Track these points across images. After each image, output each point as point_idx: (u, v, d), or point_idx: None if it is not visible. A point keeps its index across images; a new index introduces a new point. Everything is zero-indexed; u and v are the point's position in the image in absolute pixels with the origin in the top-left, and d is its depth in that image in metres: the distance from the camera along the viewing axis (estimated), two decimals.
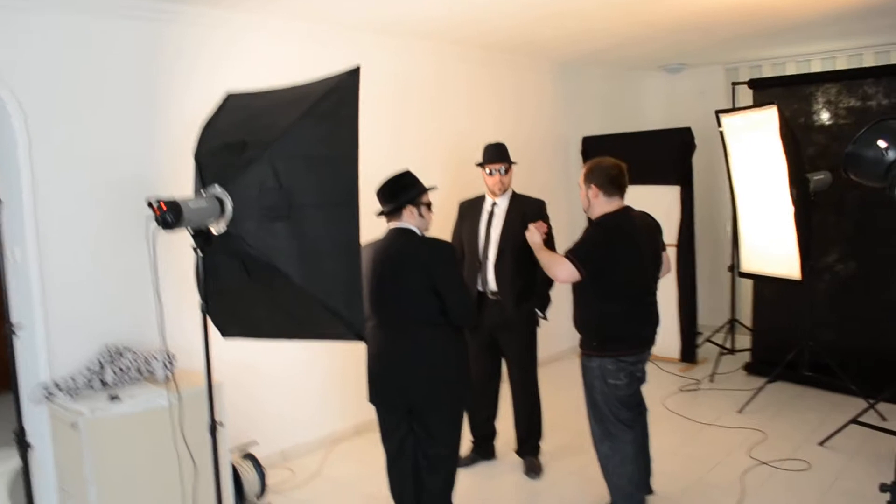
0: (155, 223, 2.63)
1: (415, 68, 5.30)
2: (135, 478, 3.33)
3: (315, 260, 2.88)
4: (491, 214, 4.17)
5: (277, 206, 2.81)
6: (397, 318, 3.15)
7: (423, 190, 3.24)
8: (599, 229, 3.43)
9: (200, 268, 2.86)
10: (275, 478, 4.17)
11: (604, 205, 3.42)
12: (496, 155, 4.17)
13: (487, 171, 4.16)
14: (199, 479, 3.33)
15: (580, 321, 3.51)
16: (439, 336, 3.15)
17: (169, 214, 2.62)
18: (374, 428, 4.83)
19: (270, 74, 3.74)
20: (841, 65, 6.42)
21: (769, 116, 4.78)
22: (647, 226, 3.58)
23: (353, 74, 2.96)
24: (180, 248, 3.51)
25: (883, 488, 2.05)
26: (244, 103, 3.23)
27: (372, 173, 4.47)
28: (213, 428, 2.98)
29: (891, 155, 1.91)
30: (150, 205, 2.61)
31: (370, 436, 4.78)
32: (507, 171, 4.16)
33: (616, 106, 7.36)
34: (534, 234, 3.65)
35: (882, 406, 4.65)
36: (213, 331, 3.04)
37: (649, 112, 7.53)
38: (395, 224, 3.22)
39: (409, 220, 3.20)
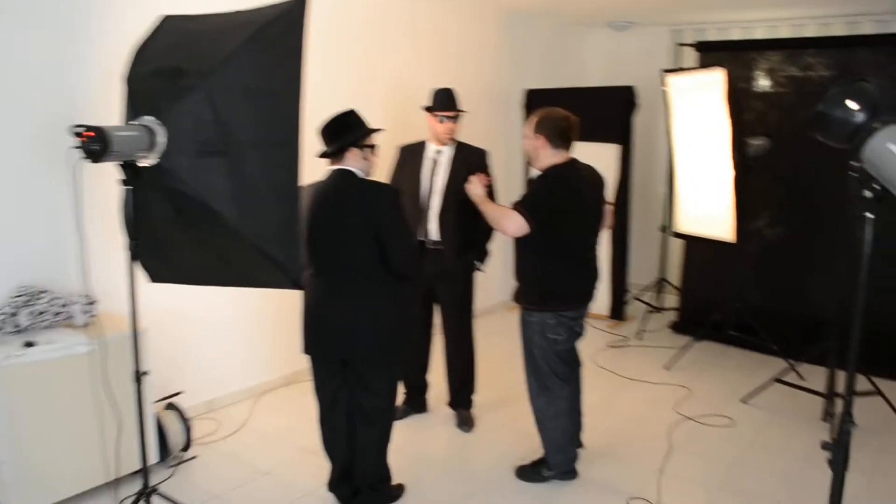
0: (80, 153, 2.43)
1: (351, 2, 5.04)
2: (52, 430, 3.14)
3: (251, 201, 2.72)
4: (435, 162, 4.04)
5: (213, 141, 2.63)
6: (337, 265, 3.00)
7: (369, 131, 3.08)
8: (546, 181, 3.35)
9: (129, 204, 2.68)
10: (200, 429, 4.04)
11: (550, 156, 3.35)
12: (448, 102, 4.02)
13: (437, 117, 4.00)
14: (122, 431, 3.17)
15: (523, 275, 3.46)
16: (379, 286, 3.02)
17: (95, 143, 2.43)
18: (304, 379, 4.77)
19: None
20: (784, 33, 6.50)
21: (716, 79, 4.79)
22: (592, 179, 3.52)
23: (300, 2, 2.77)
24: (107, 182, 3.29)
25: (824, 446, 2.08)
26: (181, 26, 3.00)
27: (307, 111, 4.27)
28: (138, 377, 2.83)
29: (859, 117, 1.89)
30: (75, 133, 2.40)
31: (299, 387, 4.71)
32: (456, 119, 4.03)
33: (560, 60, 7.28)
34: (476, 187, 3.58)
35: (802, 367, 4.82)
36: (137, 274, 2.88)
37: (592, 69, 7.49)
38: (337, 166, 3.05)
39: (352, 162, 3.04)
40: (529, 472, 3.61)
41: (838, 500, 2.05)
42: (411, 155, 4.13)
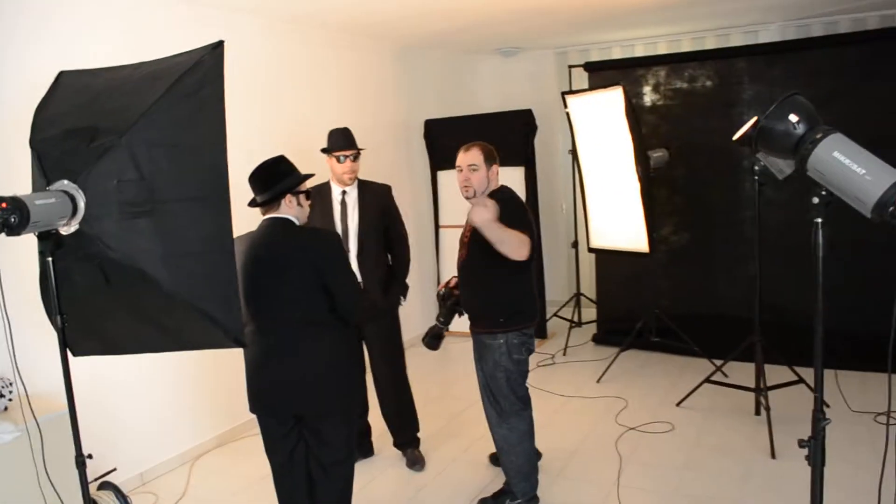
0: None
1: (248, 47, 4.90)
2: None
3: (184, 260, 2.55)
4: (343, 204, 3.97)
5: (139, 201, 2.46)
6: (284, 318, 2.84)
7: (302, 178, 2.96)
8: (512, 202, 3.35)
9: (51, 275, 2.47)
10: None
11: (497, 180, 3.49)
12: (345, 141, 3.93)
13: (336, 158, 3.92)
14: None
15: (486, 299, 3.39)
16: (329, 336, 2.88)
17: (12, 214, 2.21)
18: (238, 437, 4.57)
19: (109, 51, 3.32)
20: (662, 49, 6.86)
21: (614, 97, 4.97)
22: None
23: (217, 49, 2.68)
24: (18, 253, 3.05)
25: (801, 444, 2.15)
26: (84, 82, 2.81)
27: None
28: (81, 461, 2.59)
29: (800, 128, 1.98)
30: None
31: (235, 446, 4.49)
32: (356, 158, 3.97)
33: (454, 89, 7.37)
34: (486, 212, 3.03)
35: (726, 365, 5.01)
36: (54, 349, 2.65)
37: (486, 95, 7.62)
38: (271, 215, 2.91)
39: (287, 210, 2.90)
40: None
41: (819, 492, 2.11)
42: (317, 199, 3.89)
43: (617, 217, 5.40)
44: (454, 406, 4.97)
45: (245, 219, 3.15)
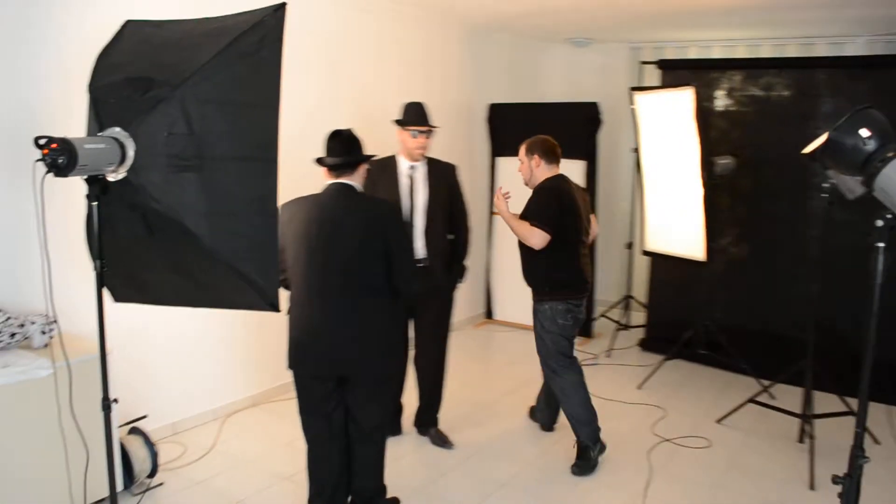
0: (44, 166, 2.23)
1: (315, 13, 4.86)
2: (10, 457, 2.92)
3: (227, 219, 2.56)
4: (412, 179, 3.91)
5: (187, 155, 2.46)
6: (342, 282, 2.90)
7: (369, 154, 3.13)
8: (544, 192, 3.82)
9: (95, 221, 2.49)
10: (166, 454, 3.81)
11: (545, 172, 3.88)
12: (421, 116, 3.89)
13: (410, 132, 3.86)
14: (88, 460, 2.94)
15: (532, 272, 3.91)
16: (384, 304, 2.98)
17: (61, 156, 2.22)
18: (271, 399, 4.60)
19: (175, 5, 3.34)
20: (740, 53, 6.60)
21: (684, 98, 4.80)
22: (579, 188, 4.05)
23: (279, 11, 2.64)
24: (69, 197, 3.10)
25: (835, 480, 2.02)
26: (147, 33, 2.82)
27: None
28: (107, 405, 2.62)
29: (871, 145, 1.84)
30: (37, 144, 2.20)
31: (267, 408, 4.53)
32: (430, 135, 3.91)
33: (521, 75, 7.25)
34: (503, 202, 3.85)
35: (774, 387, 4.82)
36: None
37: (553, 84, 7.48)
38: (341, 180, 3.00)
39: (357, 178, 3.04)
40: (583, 465, 3.86)
41: None
42: (383, 171, 3.94)
43: (675, 221, 5.23)
44: (481, 395, 4.91)
45: (294, 181, 3.16)
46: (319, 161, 3.07)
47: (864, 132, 1.87)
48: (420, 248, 3.87)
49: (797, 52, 6.34)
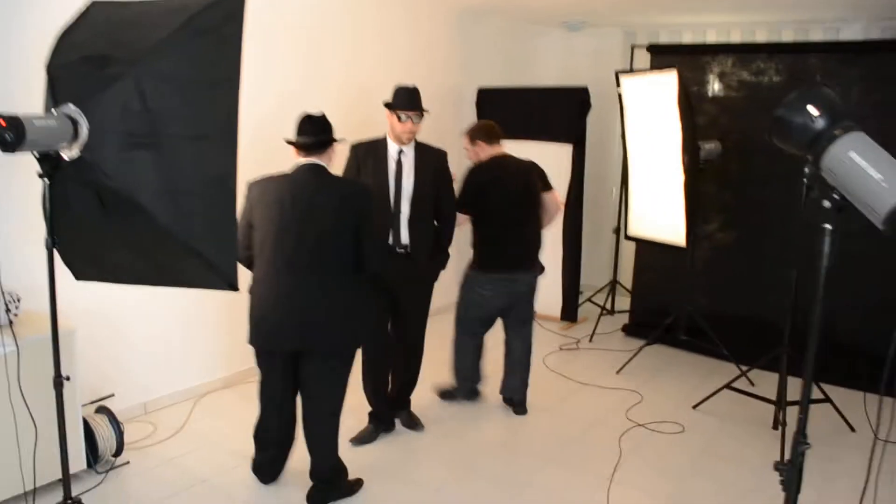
0: None
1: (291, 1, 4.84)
2: None
3: (183, 198, 2.55)
4: (399, 164, 3.83)
5: (141, 133, 2.45)
6: (310, 259, 3.03)
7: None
8: (467, 174, 4.21)
9: (47, 198, 2.49)
10: (135, 433, 3.84)
11: (489, 152, 4.24)
12: (413, 100, 3.80)
13: (399, 116, 3.78)
14: (44, 438, 2.96)
15: (472, 244, 4.26)
16: (350, 281, 3.11)
17: (8, 132, 2.22)
18: (245, 380, 4.61)
19: None
20: (735, 37, 6.53)
21: (668, 81, 4.74)
22: (519, 168, 4.26)
23: None
24: (28, 173, 3.08)
25: (777, 466, 2.00)
26: (110, 13, 2.80)
27: (251, 103, 4.18)
28: (59, 383, 2.63)
29: (819, 123, 1.81)
30: None
31: (240, 388, 4.54)
32: (419, 119, 3.82)
33: (513, 59, 7.19)
34: None
35: (753, 373, 4.80)
36: (66, 271, 2.70)
37: (545, 68, 7.42)
38: (311, 159, 3.14)
39: (326, 158, 3.18)
40: (444, 394, 4.54)
41: None
42: (370, 154, 3.86)
43: (658, 207, 5.19)
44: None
45: (275, 162, 3.17)
46: (291, 142, 3.20)
47: (813, 110, 1.84)
48: (404, 235, 3.80)
49: (793, 36, 6.27)
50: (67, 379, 2.66)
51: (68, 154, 2.43)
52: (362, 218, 3.09)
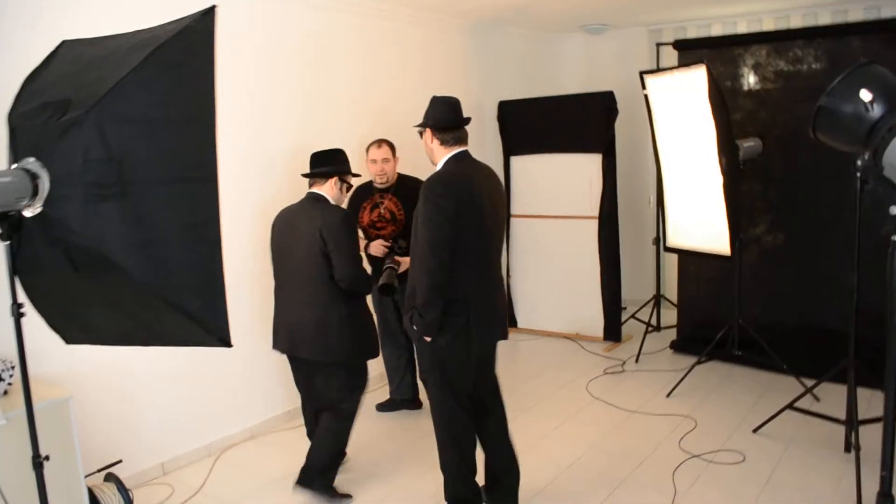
0: None
1: (297, 18, 4.60)
2: None
3: (159, 249, 2.30)
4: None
5: (107, 182, 2.22)
6: (294, 276, 3.44)
7: (349, 171, 3.59)
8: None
9: (9, 261, 2.27)
10: (151, 498, 3.61)
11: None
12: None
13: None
14: None
15: None
16: (332, 297, 3.37)
17: None
18: (271, 430, 4.35)
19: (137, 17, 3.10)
20: (768, 26, 6.14)
21: (697, 77, 4.39)
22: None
23: (207, 15, 2.38)
24: None
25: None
26: (79, 51, 2.60)
27: (243, 135, 3.99)
28: (38, 464, 2.40)
29: (876, 111, 1.48)
30: None
31: (265, 440, 4.30)
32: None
33: (533, 69, 6.89)
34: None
35: (811, 384, 4.38)
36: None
37: (568, 76, 7.10)
38: (313, 189, 3.50)
39: (328, 190, 3.48)
40: None
41: None
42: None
43: (697, 214, 4.81)
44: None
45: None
46: (304, 175, 3.59)
47: (865, 94, 1.50)
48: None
49: (830, 19, 5.85)
50: (47, 458, 2.42)
51: (31, 211, 2.22)
52: (333, 235, 3.31)
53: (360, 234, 4.31)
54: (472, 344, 3.01)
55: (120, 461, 3.42)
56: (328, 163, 3.50)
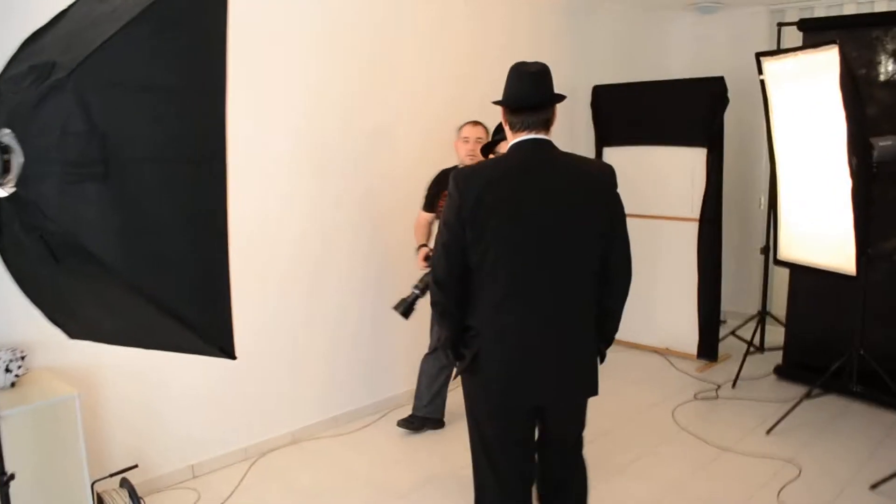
0: None
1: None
2: None
3: (150, 241, 1.91)
4: None
5: (87, 160, 1.84)
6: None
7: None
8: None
9: None
10: (174, 502, 3.32)
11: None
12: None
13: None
14: None
15: None
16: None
17: None
18: (313, 437, 4.02)
19: None
20: None
21: (827, 60, 3.70)
22: None
23: None
24: None
25: None
26: (89, 9, 2.26)
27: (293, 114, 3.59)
28: (4, 482, 2.09)
29: None
30: None
31: (307, 446, 3.97)
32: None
33: (635, 51, 6.23)
34: None
35: None
36: None
37: (674, 60, 6.40)
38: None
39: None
40: None
41: None
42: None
43: (817, 222, 4.11)
44: None
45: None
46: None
47: None
48: None
49: None
50: (12, 478, 2.12)
51: (4, 191, 1.90)
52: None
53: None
54: (490, 393, 2.34)
55: (135, 466, 3.13)
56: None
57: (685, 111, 5.18)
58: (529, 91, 2.35)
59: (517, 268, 2.26)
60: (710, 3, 5.93)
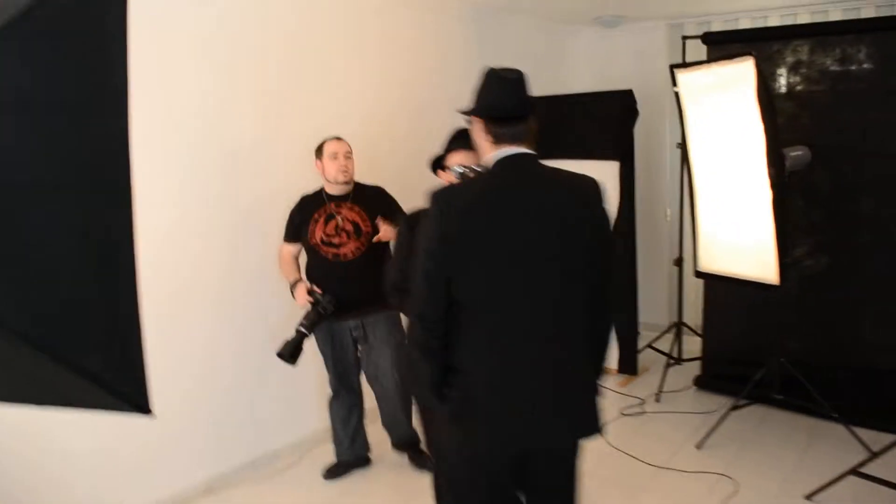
0: None
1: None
2: None
3: (39, 286, 1.62)
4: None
5: None
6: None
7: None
8: None
9: None
10: None
11: None
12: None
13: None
14: None
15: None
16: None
17: None
18: (231, 485, 3.67)
19: None
20: (803, 22, 5.48)
21: (742, 72, 3.72)
22: None
23: None
24: None
25: None
26: None
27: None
28: None
29: None
30: None
31: (226, 496, 3.58)
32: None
33: (546, 65, 6.19)
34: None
35: (867, 434, 3.73)
36: None
37: (579, 73, 6.42)
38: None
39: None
40: None
41: None
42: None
43: (737, 233, 4.14)
44: None
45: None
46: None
47: None
48: None
49: (875, 13, 5.20)
50: None
51: None
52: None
53: (306, 253, 3.62)
54: (477, 442, 2.09)
55: None
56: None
57: (596, 125, 5.16)
58: (514, 100, 2.20)
59: (512, 300, 2.03)
60: (612, 16, 5.97)
